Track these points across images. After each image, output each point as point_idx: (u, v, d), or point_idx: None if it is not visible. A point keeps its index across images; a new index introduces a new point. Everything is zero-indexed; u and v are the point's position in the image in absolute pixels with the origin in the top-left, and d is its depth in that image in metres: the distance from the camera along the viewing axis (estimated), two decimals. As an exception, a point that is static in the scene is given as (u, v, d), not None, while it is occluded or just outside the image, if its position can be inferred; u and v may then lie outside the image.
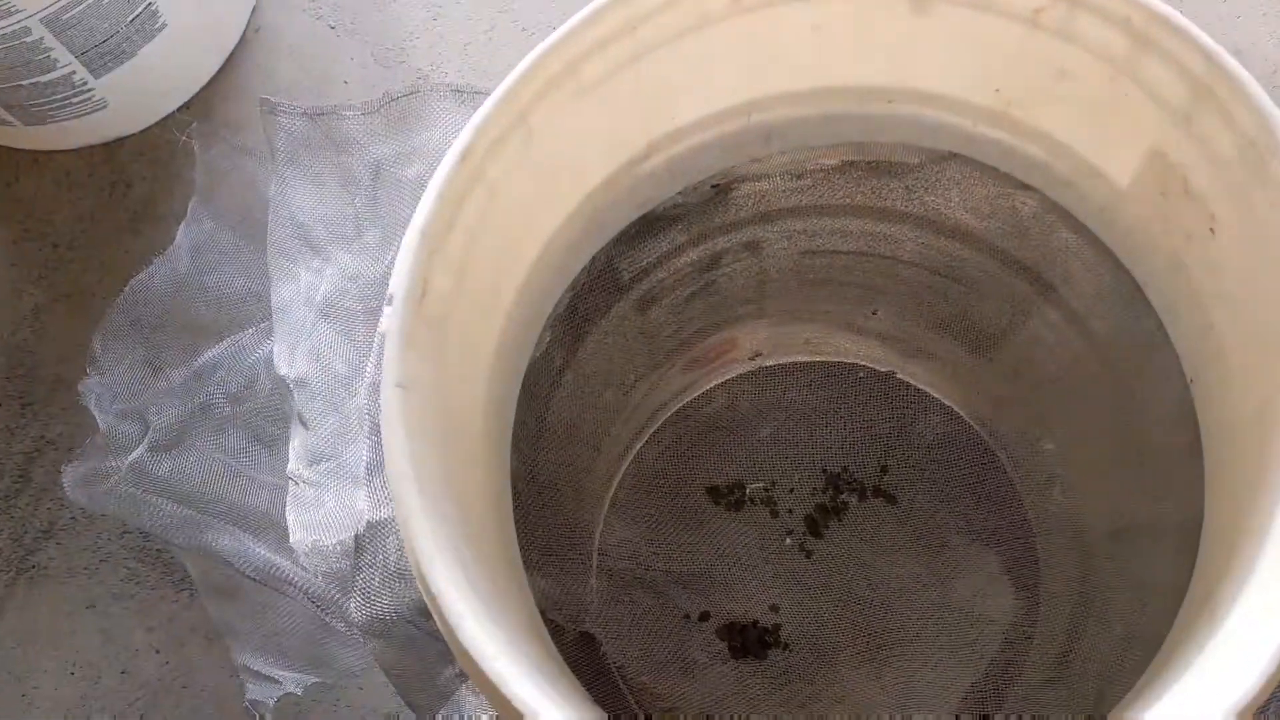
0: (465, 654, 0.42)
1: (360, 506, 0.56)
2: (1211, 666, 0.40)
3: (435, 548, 0.43)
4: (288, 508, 0.58)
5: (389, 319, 0.45)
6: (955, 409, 0.75)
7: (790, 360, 0.78)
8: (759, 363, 0.77)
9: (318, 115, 0.67)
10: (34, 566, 0.76)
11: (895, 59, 0.55)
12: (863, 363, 0.77)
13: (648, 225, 0.61)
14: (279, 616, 0.63)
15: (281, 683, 0.62)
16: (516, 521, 0.58)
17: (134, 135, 0.81)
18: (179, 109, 0.81)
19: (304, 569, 0.59)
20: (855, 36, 0.54)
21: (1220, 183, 0.48)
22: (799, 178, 0.62)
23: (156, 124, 0.80)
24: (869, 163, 0.61)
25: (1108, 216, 0.55)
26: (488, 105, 0.48)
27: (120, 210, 0.79)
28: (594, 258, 0.60)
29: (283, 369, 0.62)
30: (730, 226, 0.64)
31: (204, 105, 0.81)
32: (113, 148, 0.80)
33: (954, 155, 0.59)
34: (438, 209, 0.46)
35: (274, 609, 0.64)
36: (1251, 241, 0.48)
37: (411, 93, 0.68)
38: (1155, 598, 0.56)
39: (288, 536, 0.58)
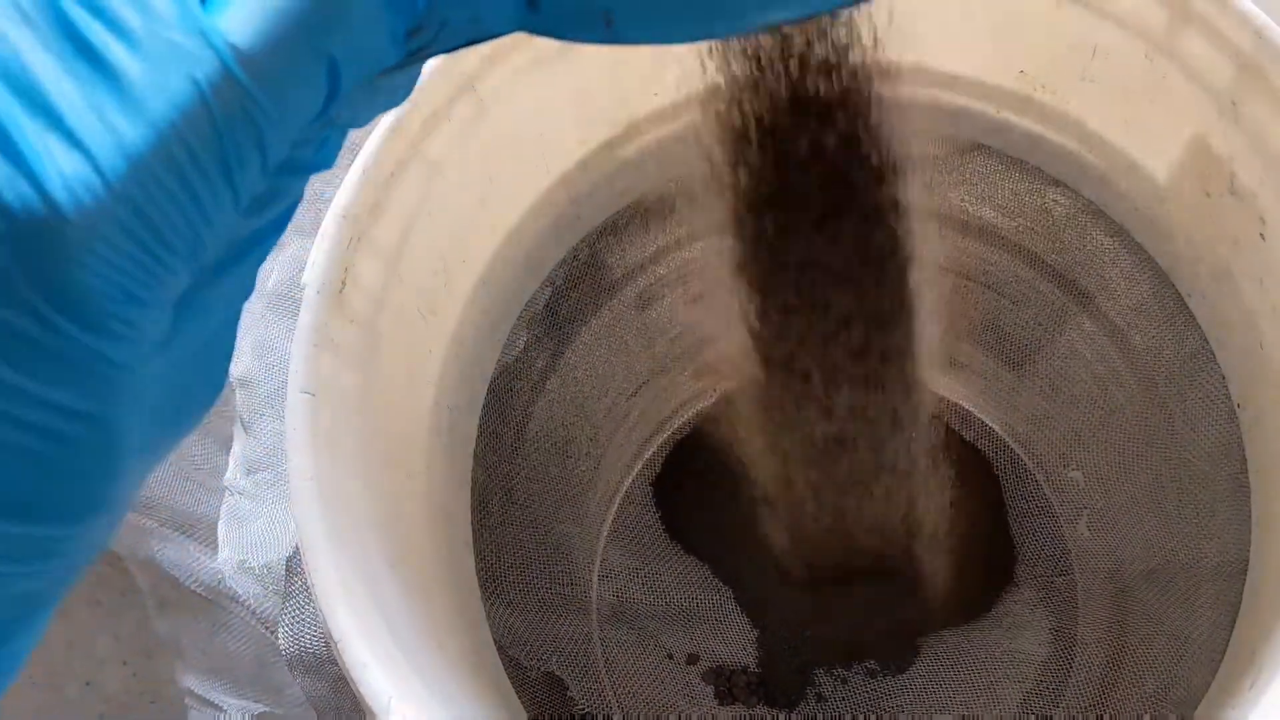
0: (369, 711, 0.37)
1: (293, 526, 0.50)
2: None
3: (339, 583, 0.37)
4: (220, 521, 0.52)
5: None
6: (989, 424, 0.68)
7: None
8: (780, 369, 0.71)
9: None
10: None
11: (906, 33, 0.48)
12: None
13: (638, 216, 0.56)
14: (230, 637, 0.58)
15: (226, 710, 0.57)
16: (481, 542, 0.53)
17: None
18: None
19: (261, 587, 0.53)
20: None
21: (1272, 179, 0.42)
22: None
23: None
24: (884, 152, 0.55)
25: (1146, 217, 0.49)
26: (424, 70, 0.42)
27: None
28: (574, 250, 0.54)
29: (226, 365, 0.57)
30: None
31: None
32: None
33: (979, 146, 0.53)
34: (362, 189, 0.41)
35: (226, 628, 0.58)
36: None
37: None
38: (1191, 652, 0.50)
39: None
